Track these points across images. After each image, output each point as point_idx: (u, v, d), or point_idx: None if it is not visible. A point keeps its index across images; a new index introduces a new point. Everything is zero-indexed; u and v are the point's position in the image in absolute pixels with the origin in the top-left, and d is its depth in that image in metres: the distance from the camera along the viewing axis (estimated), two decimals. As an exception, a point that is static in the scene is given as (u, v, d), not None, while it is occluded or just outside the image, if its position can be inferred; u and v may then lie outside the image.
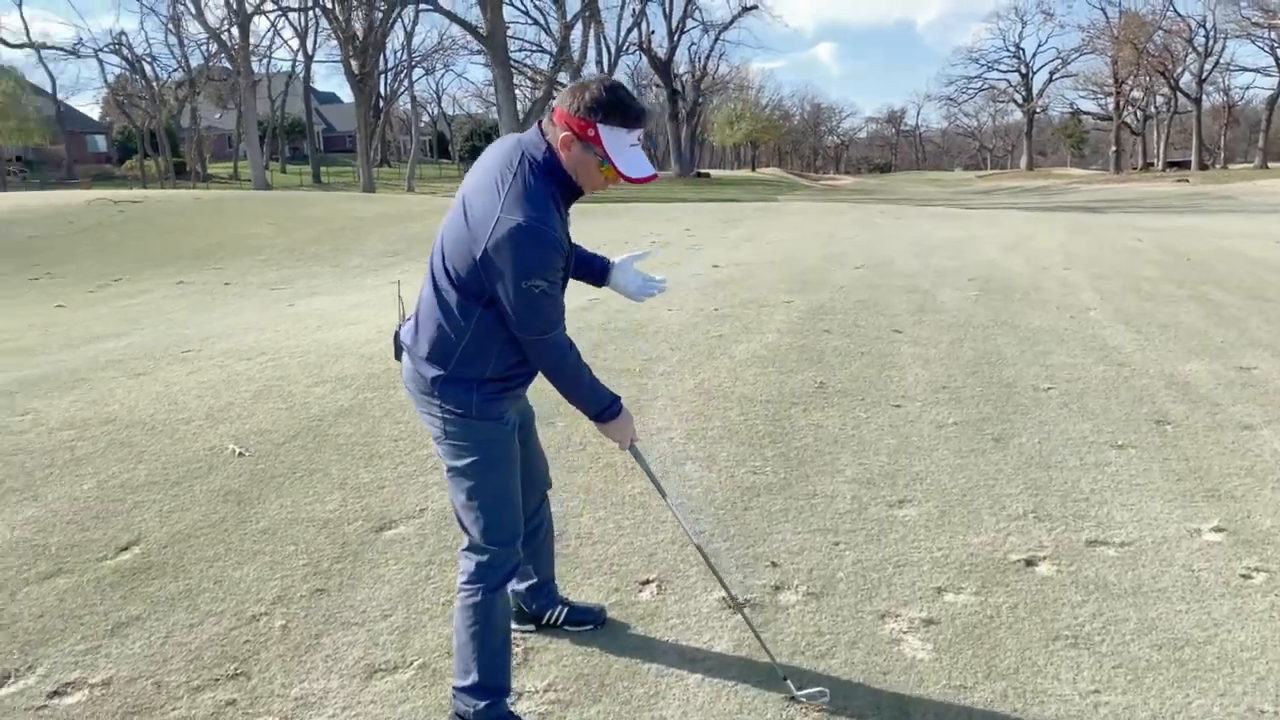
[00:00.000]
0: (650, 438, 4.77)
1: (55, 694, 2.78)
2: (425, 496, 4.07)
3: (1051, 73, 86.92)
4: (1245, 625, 3.15)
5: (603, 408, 2.60)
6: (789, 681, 2.81)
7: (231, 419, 4.91)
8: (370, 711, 2.70)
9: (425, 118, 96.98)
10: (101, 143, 75.38)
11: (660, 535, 3.77)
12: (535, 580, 3.05)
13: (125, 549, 3.60)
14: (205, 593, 3.31)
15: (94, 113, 79.30)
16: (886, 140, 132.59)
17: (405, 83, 65.40)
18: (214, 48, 53.98)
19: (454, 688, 2.58)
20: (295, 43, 61.34)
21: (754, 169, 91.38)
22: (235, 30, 49.11)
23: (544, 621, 3.11)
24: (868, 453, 4.66)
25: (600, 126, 2.31)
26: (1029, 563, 3.59)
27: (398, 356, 2.64)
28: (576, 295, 8.13)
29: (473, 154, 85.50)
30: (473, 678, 2.54)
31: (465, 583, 2.57)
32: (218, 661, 2.93)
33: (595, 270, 2.87)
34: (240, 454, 4.45)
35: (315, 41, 61.36)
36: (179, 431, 4.75)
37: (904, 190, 55.74)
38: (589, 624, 3.13)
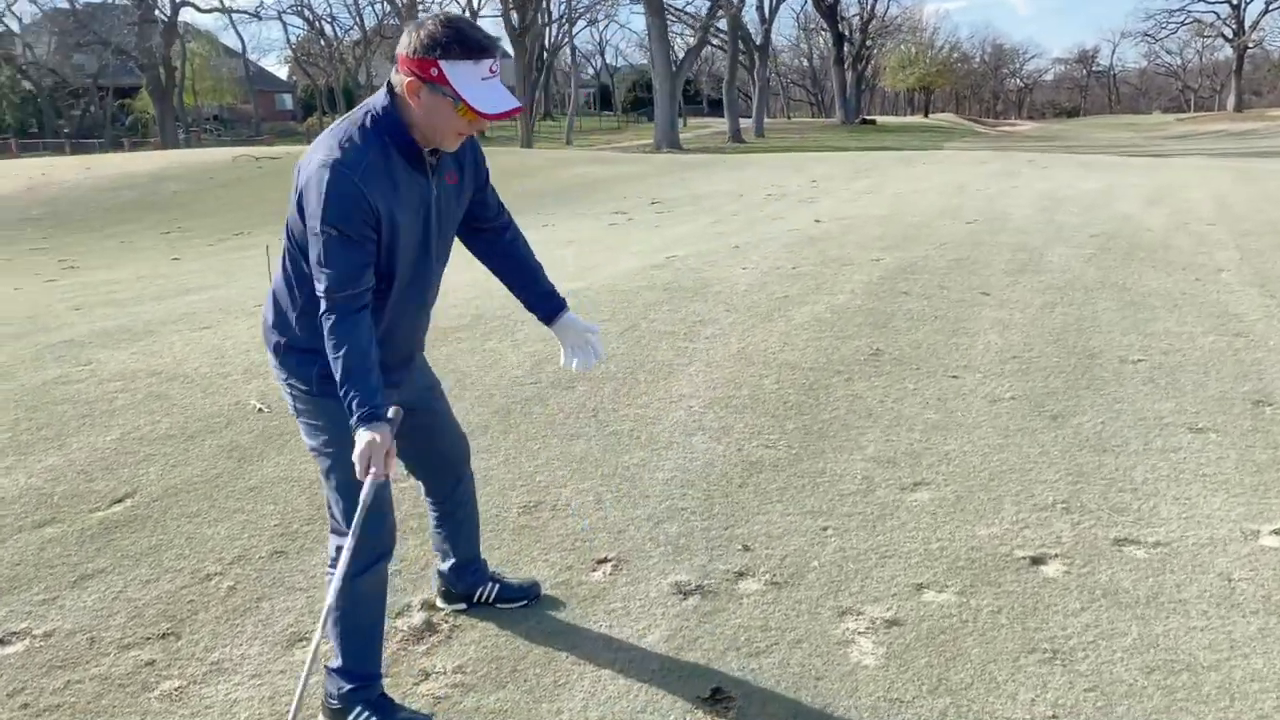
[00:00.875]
0: (669, 405, 4.57)
1: (2, 641, 2.90)
2: (416, 460, 4.04)
3: (1268, 1, 78.54)
4: (1268, 651, 2.70)
5: (358, 410, 2.16)
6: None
7: (267, 374, 5.03)
8: (276, 682, 2.68)
9: (589, 70, 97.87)
10: (288, 101, 79.98)
11: (640, 510, 3.59)
12: (454, 560, 2.95)
13: (119, 501, 3.74)
14: (173, 549, 3.39)
15: (282, 72, 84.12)
16: (1075, 82, 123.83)
17: (566, 35, 65.88)
18: (386, 6, 56.08)
19: (325, 667, 2.52)
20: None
21: (926, 115, 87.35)
22: (404, -13, 50.76)
23: (475, 599, 3.00)
24: (900, 428, 4.31)
25: (443, 64, 2.10)
26: (1035, 561, 3.21)
27: None
28: (651, 253, 7.94)
29: (635, 105, 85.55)
30: (339, 660, 2.47)
31: (330, 565, 2.48)
32: (155, 620, 2.98)
33: (537, 304, 2.71)
34: (261, 410, 4.55)
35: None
36: (214, 386, 4.91)
37: (1088, 136, 52.02)
38: (521, 600, 3.01)
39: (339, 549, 2.41)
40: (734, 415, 4.46)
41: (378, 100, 2.21)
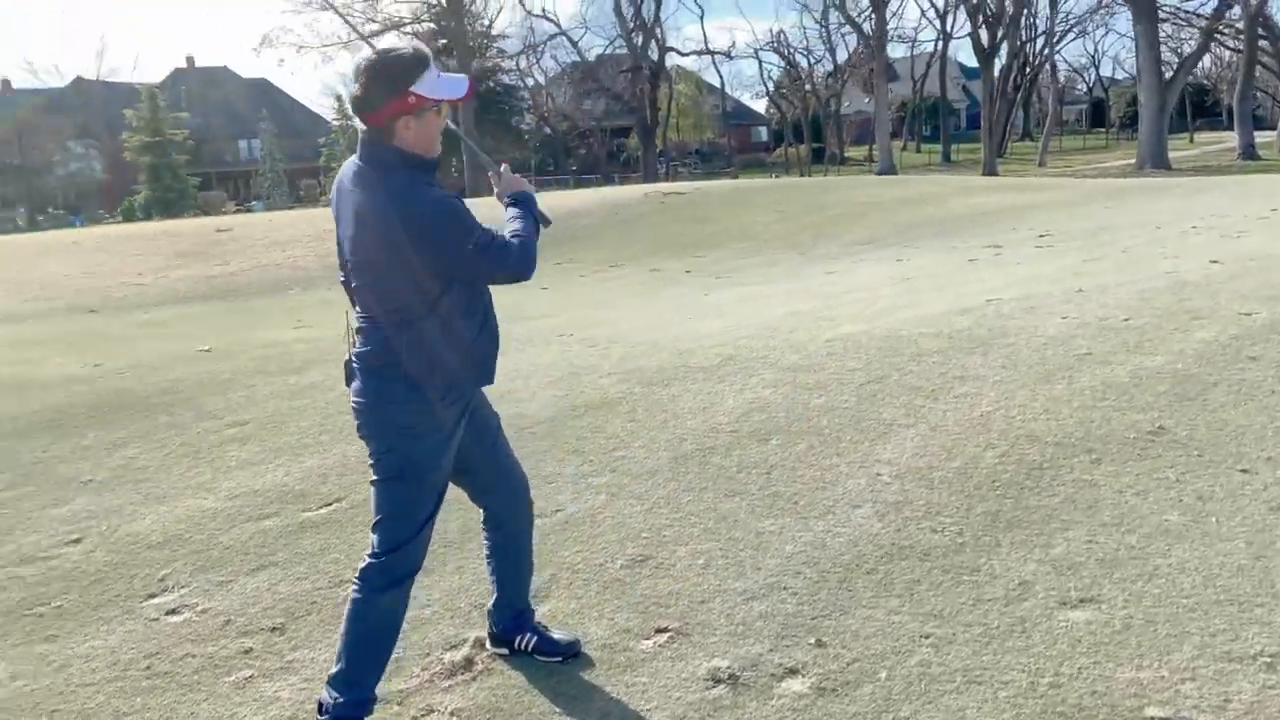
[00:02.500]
0: (855, 470, 4.20)
1: (171, 611, 3.54)
2: (564, 499, 4.16)
3: None
4: None
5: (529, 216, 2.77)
6: None
7: (509, 400, 5.47)
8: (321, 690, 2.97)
9: (1081, 85, 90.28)
10: (763, 133, 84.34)
11: (740, 581, 3.37)
12: (498, 596, 3.02)
13: (326, 505, 4.34)
14: (333, 554, 3.86)
15: (760, 106, 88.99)
16: None
17: (1047, 50, 61.59)
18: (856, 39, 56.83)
19: (329, 675, 2.70)
20: (939, 23, 61.37)
21: None
22: (873, 16, 51.10)
23: (515, 647, 3.04)
24: (1116, 529, 3.54)
25: (414, 87, 2.43)
26: (1164, 729, 2.49)
27: (348, 383, 2.78)
28: (974, 295, 7.23)
29: (1132, 121, 76.83)
30: (340, 667, 2.66)
31: (355, 577, 2.69)
32: (276, 614, 3.43)
33: None
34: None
35: (954, 20, 60.75)
36: (466, 409, 5.46)
37: None
38: (557, 656, 2.99)
39: (366, 563, 2.64)
40: (922, 489, 3.98)
41: (386, 162, 2.49)
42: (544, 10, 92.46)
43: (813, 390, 5.23)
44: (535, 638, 3.03)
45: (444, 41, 44.42)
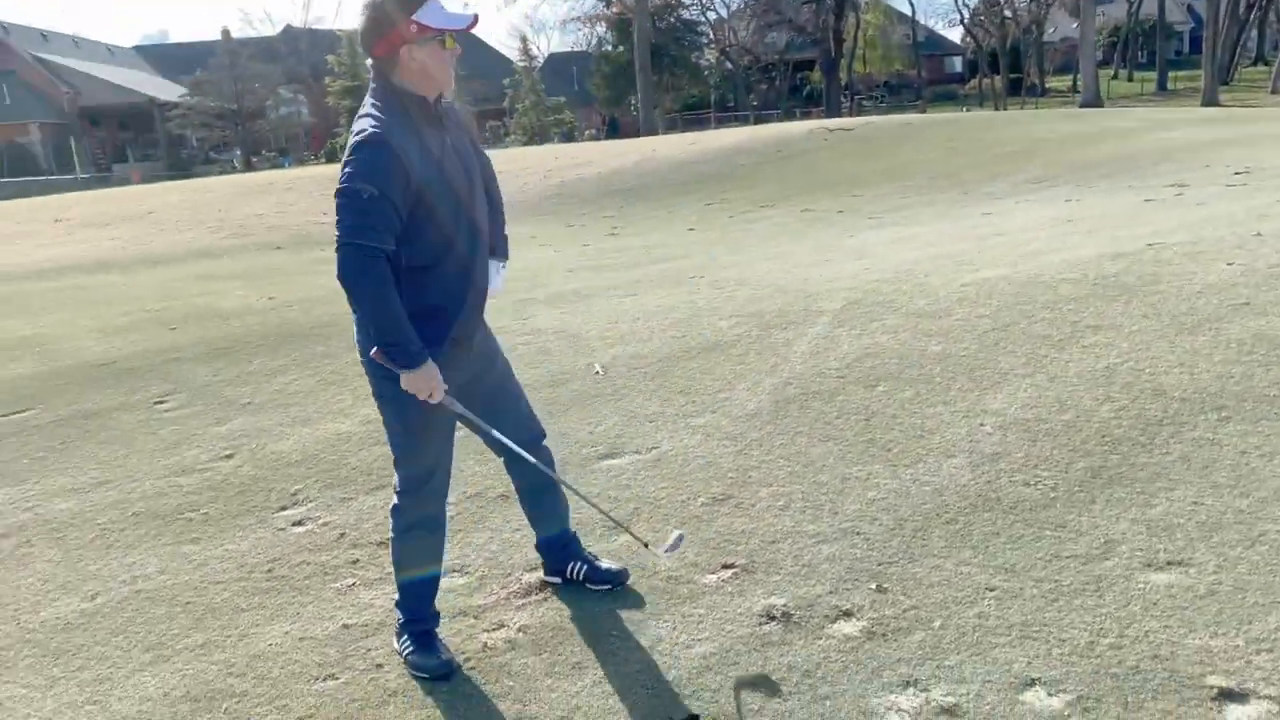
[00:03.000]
0: (959, 419, 4.10)
1: (297, 523, 3.91)
2: (661, 438, 4.27)
3: None
4: None
5: (404, 355, 2.47)
6: (651, 547, 2.98)
7: (628, 340, 5.61)
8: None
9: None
10: (958, 64, 79.85)
11: (815, 524, 3.40)
12: (540, 535, 3.17)
13: (445, 433, 4.62)
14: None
15: (955, 35, 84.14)
16: None
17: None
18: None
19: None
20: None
21: None
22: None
23: (567, 575, 3.19)
24: (1228, 490, 3.33)
25: (417, 16, 2.42)
26: (1225, 695, 2.38)
27: None
28: (1134, 240, 6.73)
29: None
30: (398, 595, 2.91)
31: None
32: (384, 529, 3.74)
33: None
34: (598, 372, 5.14)
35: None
36: (586, 347, 5.64)
37: None
38: (606, 584, 3.13)
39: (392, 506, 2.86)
40: (1024, 441, 3.84)
41: (368, 95, 2.52)
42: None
43: (933, 337, 5.09)
44: (585, 566, 3.17)
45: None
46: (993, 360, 4.69)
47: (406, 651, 2.84)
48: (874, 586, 3.01)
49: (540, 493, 3.13)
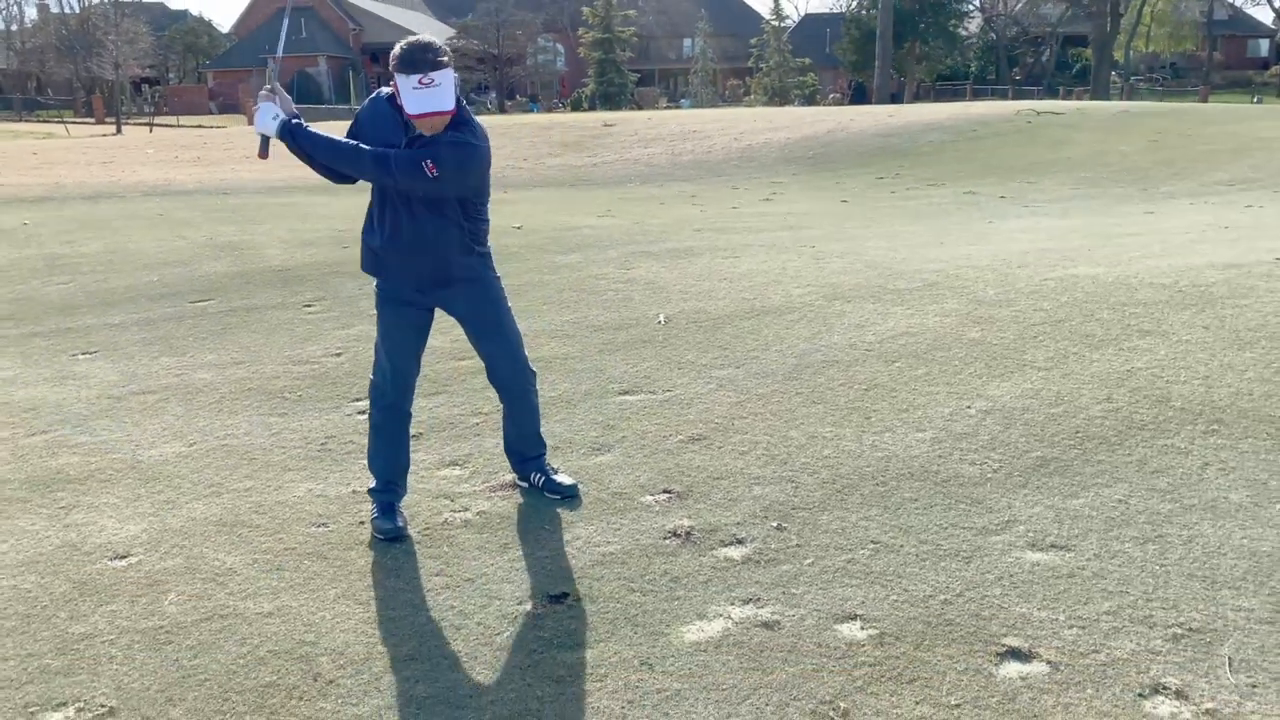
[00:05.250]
0: (948, 400, 4.30)
1: (361, 412, 4.70)
2: (680, 383, 4.72)
3: None
4: None
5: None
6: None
7: (702, 297, 6.05)
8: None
9: None
10: (1263, 47, 71.51)
11: (762, 470, 3.79)
12: (507, 440, 3.75)
13: (508, 357, 5.29)
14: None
15: (1264, 16, 75.28)
16: None
17: None
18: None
19: None
20: None
21: None
22: None
23: (528, 482, 3.75)
24: (1161, 494, 3.44)
25: (396, 76, 3.06)
26: (1012, 653, 2.64)
27: None
28: (1246, 253, 6.33)
29: None
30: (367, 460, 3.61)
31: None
32: (421, 424, 4.46)
33: None
34: (660, 322, 5.64)
35: None
36: (666, 296, 6.13)
37: None
38: (558, 495, 3.68)
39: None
40: (999, 427, 4.03)
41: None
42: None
43: (979, 324, 5.22)
44: (543, 477, 3.73)
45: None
46: (1020, 352, 4.80)
47: (373, 515, 3.53)
48: (775, 525, 3.40)
49: (518, 409, 3.70)
